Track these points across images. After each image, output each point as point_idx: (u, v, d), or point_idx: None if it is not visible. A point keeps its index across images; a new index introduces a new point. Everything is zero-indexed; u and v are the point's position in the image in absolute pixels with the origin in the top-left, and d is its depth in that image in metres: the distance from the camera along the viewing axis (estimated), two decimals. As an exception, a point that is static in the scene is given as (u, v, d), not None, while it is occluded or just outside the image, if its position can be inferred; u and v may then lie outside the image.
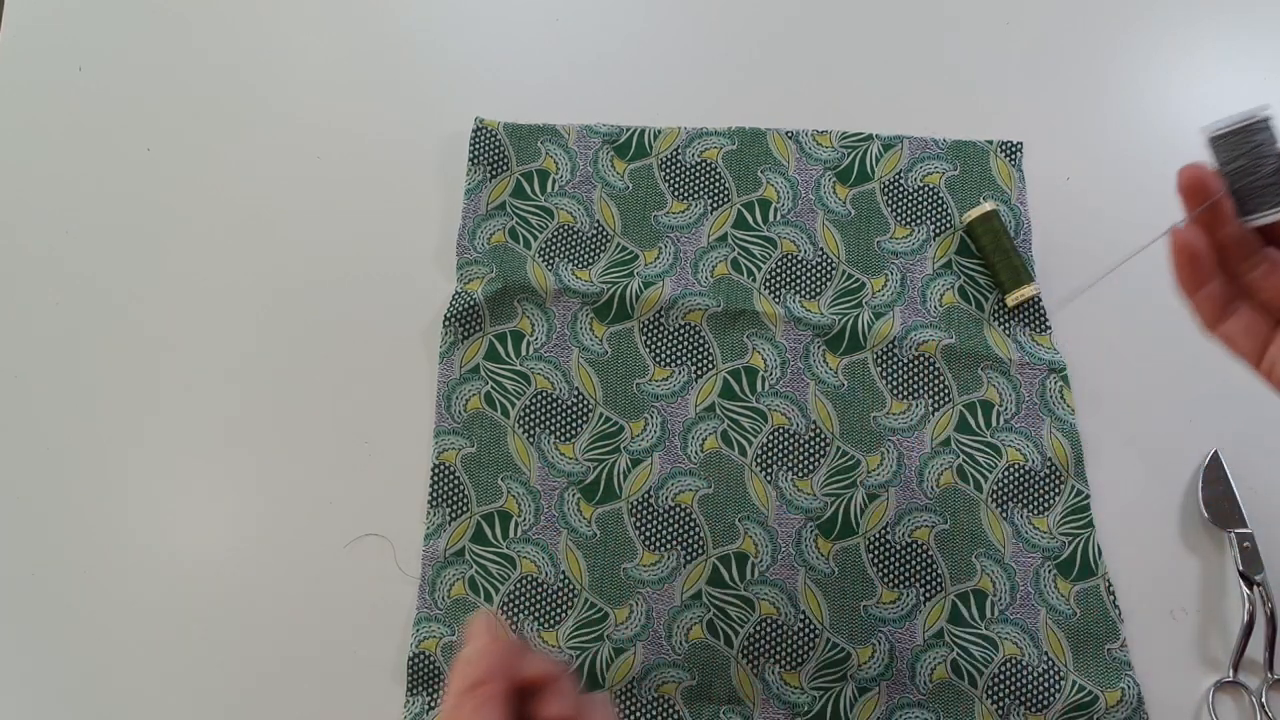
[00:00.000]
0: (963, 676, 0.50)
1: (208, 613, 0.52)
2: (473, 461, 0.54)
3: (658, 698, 0.50)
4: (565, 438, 0.54)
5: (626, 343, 0.56)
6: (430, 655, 0.50)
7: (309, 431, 0.55)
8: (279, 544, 0.53)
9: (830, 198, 0.59)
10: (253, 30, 0.64)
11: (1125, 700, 0.49)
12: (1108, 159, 0.61)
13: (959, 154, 0.60)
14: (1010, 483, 0.53)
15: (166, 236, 0.59)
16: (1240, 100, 0.63)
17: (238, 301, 0.58)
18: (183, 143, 0.61)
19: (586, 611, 0.51)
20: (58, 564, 0.53)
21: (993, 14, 0.65)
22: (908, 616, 0.51)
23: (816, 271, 0.58)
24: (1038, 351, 0.55)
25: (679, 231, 0.59)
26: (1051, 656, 0.50)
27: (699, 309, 0.56)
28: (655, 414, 0.55)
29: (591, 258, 0.58)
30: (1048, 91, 0.63)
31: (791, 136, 0.60)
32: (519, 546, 0.52)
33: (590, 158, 0.60)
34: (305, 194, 0.60)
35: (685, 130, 0.61)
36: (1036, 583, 0.52)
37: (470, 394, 0.55)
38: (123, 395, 0.56)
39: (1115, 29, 0.64)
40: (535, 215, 0.59)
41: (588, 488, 0.54)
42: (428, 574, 0.52)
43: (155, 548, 0.53)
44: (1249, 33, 0.64)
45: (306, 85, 0.63)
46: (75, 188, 0.60)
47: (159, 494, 0.54)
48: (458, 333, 0.56)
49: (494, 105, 0.62)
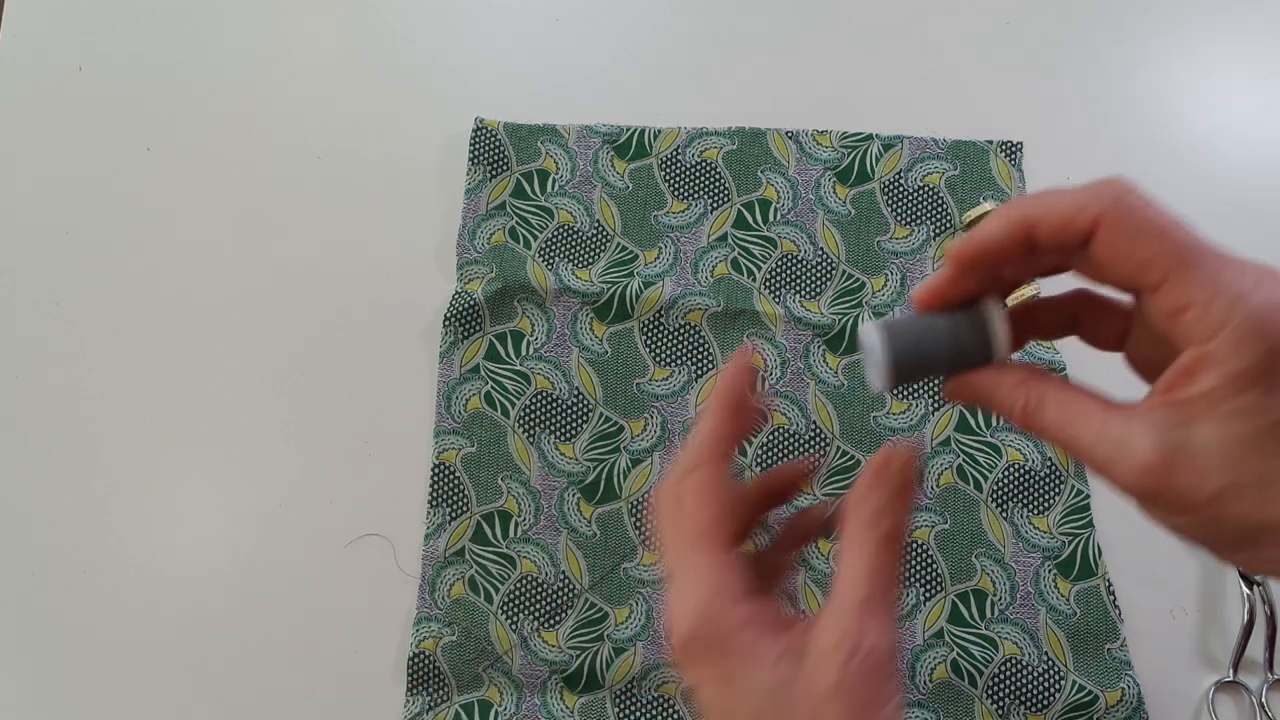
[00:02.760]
0: (963, 676, 0.50)
1: (207, 613, 0.52)
2: (473, 461, 0.54)
3: (658, 698, 0.50)
4: (565, 438, 0.54)
5: (626, 343, 0.56)
6: (430, 655, 0.50)
7: (309, 431, 0.55)
8: (279, 544, 0.53)
9: (830, 198, 0.59)
10: (253, 30, 0.64)
11: (1125, 700, 0.49)
12: (1108, 159, 0.61)
13: (959, 154, 0.60)
14: (1010, 482, 0.53)
15: (166, 236, 0.59)
16: (1240, 100, 0.63)
17: (237, 301, 0.58)
18: (183, 143, 0.61)
19: (586, 611, 0.51)
20: (57, 564, 0.53)
21: (993, 14, 0.65)
22: (908, 616, 0.51)
23: (816, 271, 0.58)
24: (1037, 351, 0.55)
25: (679, 231, 0.59)
26: (1051, 656, 0.50)
27: (699, 309, 0.56)
28: (655, 414, 0.55)
29: (591, 258, 0.58)
30: (1048, 91, 0.63)
31: (791, 136, 0.60)
32: (519, 546, 0.52)
33: (590, 158, 0.60)
34: (305, 194, 0.60)
35: (685, 130, 0.61)
36: (1036, 582, 0.52)
37: (470, 394, 0.55)
38: (122, 395, 0.56)
39: (1115, 29, 0.64)
40: (535, 215, 0.59)
41: (588, 487, 0.54)
42: (428, 574, 0.52)
43: (154, 547, 0.53)
44: (1249, 33, 0.64)
45: (306, 85, 0.63)
46: (75, 188, 0.60)
47: (158, 494, 0.54)
48: (458, 333, 0.56)
49: (494, 105, 0.62)
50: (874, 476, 0.29)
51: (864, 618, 0.26)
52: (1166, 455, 0.25)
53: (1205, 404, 0.25)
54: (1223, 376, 0.24)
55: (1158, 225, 0.25)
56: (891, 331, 0.29)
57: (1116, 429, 0.26)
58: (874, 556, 0.27)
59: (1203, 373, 0.25)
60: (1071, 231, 0.26)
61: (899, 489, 0.29)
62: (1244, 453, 0.25)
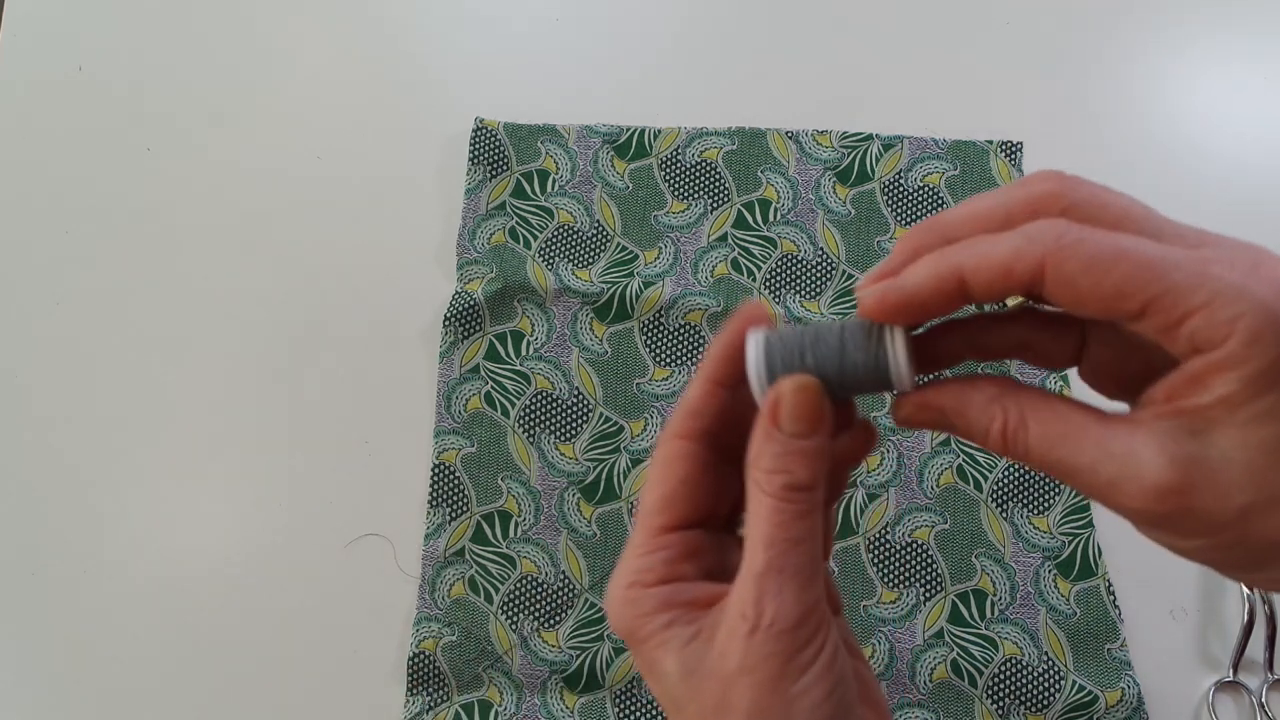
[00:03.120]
0: (963, 676, 0.50)
1: (207, 613, 0.52)
2: (473, 461, 0.54)
3: (658, 698, 0.50)
4: (565, 438, 0.54)
5: (626, 343, 0.56)
6: (430, 655, 0.50)
7: (309, 431, 0.55)
8: (279, 544, 0.53)
9: (830, 198, 0.59)
10: (253, 30, 0.64)
11: (1125, 700, 0.49)
12: (1108, 159, 0.61)
13: (959, 154, 0.60)
14: (1010, 482, 0.53)
15: (166, 236, 0.59)
16: (1239, 100, 0.63)
17: (237, 301, 0.58)
18: (183, 143, 0.61)
19: (586, 611, 0.51)
20: (57, 564, 0.53)
21: (993, 14, 0.65)
22: (908, 616, 0.51)
23: (816, 271, 0.58)
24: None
25: (679, 231, 0.59)
26: (1051, 656, 0.50)
27: (699, 309, 0.56)
28: (655, 414, 0.55)
29: (591, 258, 0.58)
30: (1048, 91, 0.63)
31: (791, 136, 0.60)
32: (519, 546, 0.52)
33: (590, 158, 0.60)
34: (305, 194, 0.60)
35: (685, 130, 0.61)
36: (1036, 583, 0.52)
37: (470, 394, 0.55)
38: (122, 395, 0.56)
39: (1115, 29, 0.64)
40: (535, 215, 0.59)
41: (588, 488, 0.54)
42: (428, 574, 0.52)
43: (155, 547, 0.53)
44: (1249, 33, 0.64)
45: (306, 85, 0.63)
46: (75, 188, 0.60)
47: (158, 494, 0.54)
48: (458, 333, 0.56)
49: (494, 105, 0.62)
50: (764, 423, 0.25)
51: (761, 587, 0.24)
52: (1184, 472, 0.22)
53: (1223, 410, 0.22)
54: (1241, 379, 0.21)
55: (1111, 251, 0.22)
56: (770, 341, 0.26)
57: (1121, 446, 0.23)
58: (771, 516, 0.25)
59: (1216, 377, 0.22)
60: (1013, 281, 0.23)
61: (801, 431, 0.25)
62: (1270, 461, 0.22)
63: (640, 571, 0.27)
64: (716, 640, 0.25)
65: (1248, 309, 0.21)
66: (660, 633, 0.26)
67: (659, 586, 0.26)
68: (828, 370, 0.25)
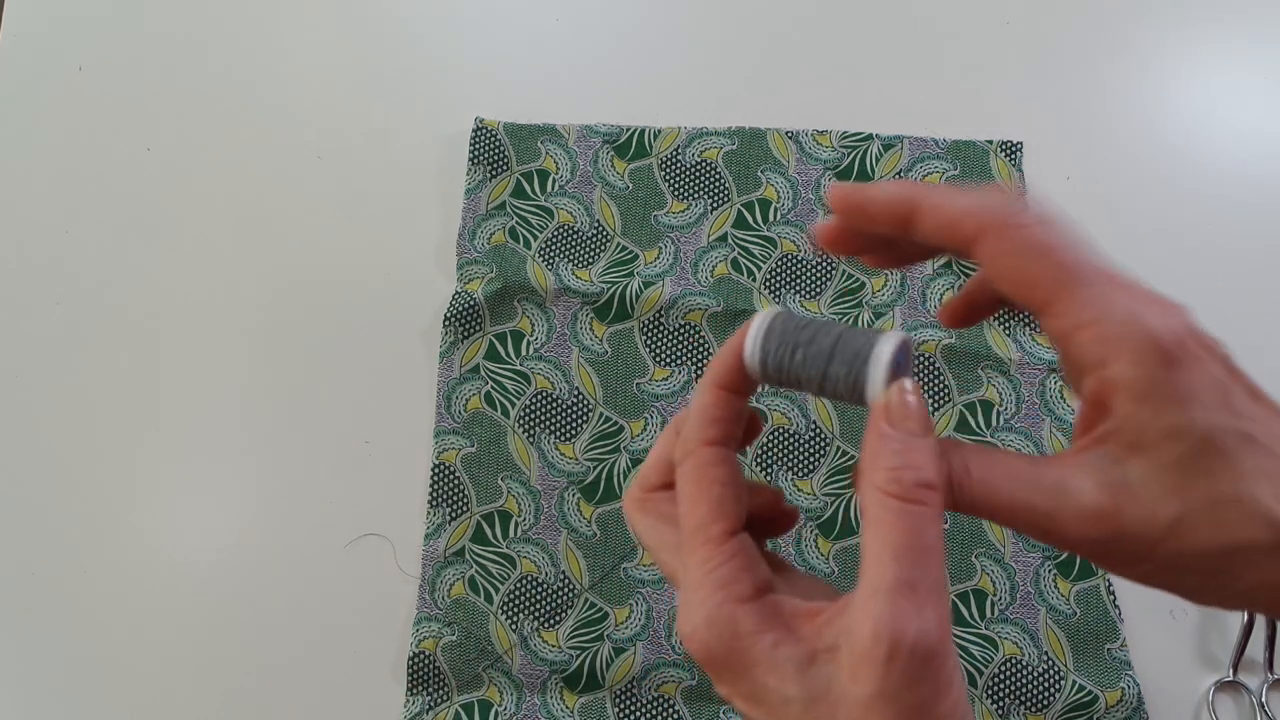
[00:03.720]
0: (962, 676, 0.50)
1: (207, 612, 0.52)
2: (473, 461, 0.54)
3: (658, 698, 0.50)
4: (565, 437, 0.54)
5: (626, 342, 0.56)
6: (430, 655, 0.50)
7: (309, 431, 0.55)
8: (279, 544, 0.53)
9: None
10: (253, 30, 0.64)
11: (1125, 700, 0.49)
12: (1108, 159, 0.61)
13: (959, 154, 0.60)
14: (1010, 482, 0.53)
15: (166, 236, 0.59)
16: (1240, 100, 0.63)
17: (237, 301, 0.58)
18: (183, 143, 0.61)
19: (586, 611, 0.51)
20: (57, 564, 0.53)
21: (993, 14, 0.65)
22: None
23: (816, 271, 0.58)
24: (1038, 351, 0.55)
25: (679, 231, 0.59)
26: (1051, 656, 0.50)
27: (699, 309, 0.56)
28: (655, 414, 0.55)
29: (591, 258, 0.58)
30: (1048, 91, 0.63)
31: (791, 136, 0.60)
32: (519, 546, 0.52)
33: (590, 157, 0.60)
34: (305, 194, 0.60)
35: (685, 130, 0.61)
36: (1036, 582, 0.52)
37: (470, 394, 0.55)
38: (122, 395, 0.56)
39: (1115, 29, 0.64)
40: (535, 215, 0.59)
41: (588, 487, 0.54)
42: (428, 574, 0.52)
43: (155, 547, 0.53)
44: (1250, 33, 0.64)
45: (306, 85, 0.63)
46: (75, 188, 0.60)
47: (158, 494, 0.54)
48: (458, 333, 0.56)
49: (494, 105, 0.62)
50: (878, 425, 0.24)
51: (900, 603, 0.22)
52: (1112, 495, 0.23)
53: (1129, 434, 0.23)
54: (1134, 402, 0.23)
55: (1041, 243, 0.24)
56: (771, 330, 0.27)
57: (1052, 478, 0.24)
58: (900, 522, 0.23)
59: (1112, 400, 0.23)
60: (955, 235, 0.25)
61: (917, 430, 0.24)
62: (1183, 478, 0.23)
63: (727, 584, 0.24)
64: (843, 663, 0.23)
65: (1135, 332, 0.23)
66: (770, 654, 0.24)
67: (753, 602, 0.24)
68: (810, 373, 0.26)
